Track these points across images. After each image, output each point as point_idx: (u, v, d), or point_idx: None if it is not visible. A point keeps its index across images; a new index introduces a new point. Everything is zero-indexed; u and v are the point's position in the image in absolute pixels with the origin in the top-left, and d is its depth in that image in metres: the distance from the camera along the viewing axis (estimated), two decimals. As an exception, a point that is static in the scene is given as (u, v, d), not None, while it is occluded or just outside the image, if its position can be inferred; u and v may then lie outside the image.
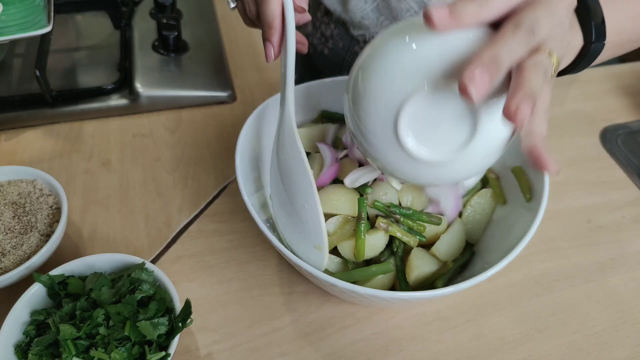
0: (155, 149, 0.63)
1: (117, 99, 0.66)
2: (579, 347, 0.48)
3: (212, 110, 0.69)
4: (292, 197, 0.45)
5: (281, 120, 0.47)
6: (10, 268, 0.45)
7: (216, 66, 0.72)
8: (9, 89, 0.65)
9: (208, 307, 0.49)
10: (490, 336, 0.48)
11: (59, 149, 0.62)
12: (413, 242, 0.47)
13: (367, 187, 0.48)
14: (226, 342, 0.46)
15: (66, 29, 0.75)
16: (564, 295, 0.52)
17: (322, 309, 0.49)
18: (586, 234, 0.58)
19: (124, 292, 0.41)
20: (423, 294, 0.40)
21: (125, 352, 0.39)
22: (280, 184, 0.46)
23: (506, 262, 0.42)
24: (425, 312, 0.50)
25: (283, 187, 0.46)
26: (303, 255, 0.45)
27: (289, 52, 0.44)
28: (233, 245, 0.54)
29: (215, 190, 0.59)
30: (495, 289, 0.52)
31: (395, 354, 0.47)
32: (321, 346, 0.47)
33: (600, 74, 0.79)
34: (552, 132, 0.69)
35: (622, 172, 0.64)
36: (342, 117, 0.57)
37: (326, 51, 0.85)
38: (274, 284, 0.51)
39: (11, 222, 0.48)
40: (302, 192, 0.43)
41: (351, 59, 0.81)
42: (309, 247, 0.44)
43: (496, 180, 0.54)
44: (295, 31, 0.44)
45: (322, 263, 0.43)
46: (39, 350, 0.39)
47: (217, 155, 0.63)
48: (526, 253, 0.55)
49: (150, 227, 0.55)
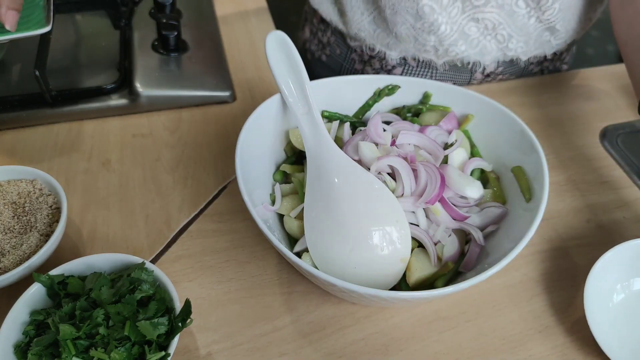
0: (155, 149, 0.63)
1: (116, 98, 0.66)
2: (579, 347, 0.48)
3: (212, 110, 0.69)
4: (363, 221, 0.46)
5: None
6: (9, 268, 0.45)
7: (216, 66, 0.72)
8: (9, 88, 0.65)
9: (208, 307, 0.49)
10: (490, 336, 0.48)
11: (59, 149, 0.62)
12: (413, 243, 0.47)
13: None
14: (226, 342, 0.46)
15: (66, 29, 0.75)
16: (563, 295, 0.52)
17: (322, 309, 0.49)
18: (586, 234, 0.58)
19: (124, 292, 0.41)
20: (423, 294, 0.40)
21: (125, 352, 0.39)
22: (339, 210, 0.46)
23: (506, 262, 0.42)
24: (425, 312, 0.50)
25: (346, 212, 0.46)
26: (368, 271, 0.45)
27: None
28: (233, 245, 0.54)
29: (215, 190, 0.59)
30: (495, 289, 0.52)
31: (395, 354, 0.47)
32: (321, 346, 0.47)
33: (600, 74, 0.79)
34: (553, 132, 0.69)
35: (622, 172, 0.64)
36: (342, 116, 0.57)
37: (324, 58, 0.85)
38: (274, 284, 0.51)
39: (11, 222, 0.48)
40: (384, 214, 0.46)
41: (348, 66, 0.81)
42: (390, 262, 0.45)
43: (496, 180, 0.54)
44: None
45: (399, 274, 0.46)
46: (38, 350, 0.39)
47: (217, 155, 0.63)
48: (526, 253, 0.55)
49: (150, 227, 0.55)
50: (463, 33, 0.67)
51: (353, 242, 0.45)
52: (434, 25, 0.66)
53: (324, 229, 0.46)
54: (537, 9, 0.65)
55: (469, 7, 0.65)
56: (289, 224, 0.50)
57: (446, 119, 0.57)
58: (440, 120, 0.57)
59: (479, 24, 0.66)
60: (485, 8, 0.65)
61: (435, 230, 0.48)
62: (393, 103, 0.59)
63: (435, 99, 0.59)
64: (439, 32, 0.67)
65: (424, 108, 0.58)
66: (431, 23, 0.66)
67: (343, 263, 0.45)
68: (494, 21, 0.66)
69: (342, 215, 0.46)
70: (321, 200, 0.47)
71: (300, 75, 0.52)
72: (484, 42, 0.69)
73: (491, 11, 0.65)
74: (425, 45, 0.69)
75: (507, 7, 0.65)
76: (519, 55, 0.73)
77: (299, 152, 0.56)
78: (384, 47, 0.73)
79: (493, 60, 0.73)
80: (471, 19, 0.66)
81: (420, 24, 0.66)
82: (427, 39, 0.68)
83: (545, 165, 0.49)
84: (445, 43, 0.68)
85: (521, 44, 0.70)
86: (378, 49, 0.74)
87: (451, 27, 0.66)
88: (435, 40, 0.68)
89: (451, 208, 0.48)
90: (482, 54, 0.71)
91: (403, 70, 0.76)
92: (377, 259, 0.45)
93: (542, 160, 0.50)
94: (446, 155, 0.52)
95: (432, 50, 0.70)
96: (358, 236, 0.45)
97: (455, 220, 0.49)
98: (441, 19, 0.65)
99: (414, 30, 0.67)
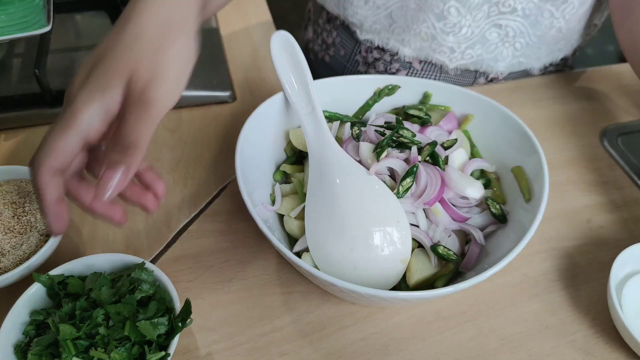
0: (155, 149, 0.63)
1: (116, 98, 0.65)
2: (579, 347, 0.48)
3: (212, 110, 0.69)
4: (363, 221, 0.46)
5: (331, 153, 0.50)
6: (9, 268, 0.45)
7: (216, 66, 0.72)
8: (8, 88, 0.65)
9: (208, 307, 0.49)
10: (490, 336, 0.48)
11: (59, 149, 0.62)
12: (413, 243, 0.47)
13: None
14: (226, 342, 0.46)
15: (65, 29, 0.75)
16: (563, 295, 0.52)
17: (322, 309, 0.49)
18: (586, 234, 0.58)
19: (124, 292, 0.41)
20: (423, 294, 0.40)
21: (125, 352, 0.39)
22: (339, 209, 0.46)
23: (506, 262, 0.42)
24: (425, 312, 0.50)
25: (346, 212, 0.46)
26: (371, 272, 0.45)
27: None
28: (233, 245, 0.54)
29: (215, 190, 0.59)
30: (495, 289, 0.52)
31: (396, 354, 0.47)
32: (321, 346, 0.47)
33: (600, 74, 0.79)
34: (553, 132, 0.69)
35: (622, 172, 0.64)
36: (342, 116, 0.57)
37: (327, 58, 0.84)
38: (274, 283, 0.51)
39: (11, 222, 0.48)
40: (385, 214, 0.46)
41: (352, 67, 0.81)
42: (391, 263, 0.45)
43: (496, 180, 0.54)
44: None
45: (400, 275, 0.46)
46: (38, 350, 0.39)
47: (217, 155, 0.63)
48: (526, 253, 0.55)
49: (150, 227, 0.55)
50: (483, 37, 0.67)
51: (353, 242, 0.45)
52: (456, 26, 0.66)
53: (324, 229, 0.46)
54: (560, 18, 0.66)
55: (495, 12, 0.65)
56: (289, 224, 0.50)
57: (446, 119, 0.57)
58: (440, 120, 0.57)
59: (501, 30, 0.66)
60: (511, 16, 0.65)
61: (435, 231, 0.48)
62: (393, 103, 0.59)
63: (435, 99, 0.59)
64: (460, 34, 0.66)
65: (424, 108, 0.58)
66: (454, 24, 0.65)
67: (343, 263, 0.45)
68: (516, 30, 0.66)
69: (343, 216, 0.46)
70: (322, 200, 0.47)
71: (304, 75, 0.53)
72: (501, 48, 0.69)
73: (515, 20, 0.65)
74: (442, 45, 0.69)
75: (533, 18, 0.65)
76: (532, 64, 0.73)
77: (299, 152, 0.56)
78: (399, 42, 0.72)
79: (506, 67, 0.72)
80: (494, 25, 0.66)
81: (442, 24, 0.66)
82: (445, 40, 0.68)
83: (545, 166, 0.49)
84: (463, 45, 0.68)
85: (534, 51, 0.71)
86: (391, 45, 0.73)
87: (472, 31, 0.66)
88: (454, 41, 0.68)
89: (451, 209, 0.48)
90: (496, 59, 0.70)
91: (407, 74, 0.76)
92: (378, 260, 0.45)
93: (542, 161, 0.50)
94: (447, 155, 0.52)
95: (447, 52, 0.70)
96: (359, 236, 0.45)
97: (455, 221, 0.49)
98: (464, 21, 0.65)
99: (435, 30, 0.67)
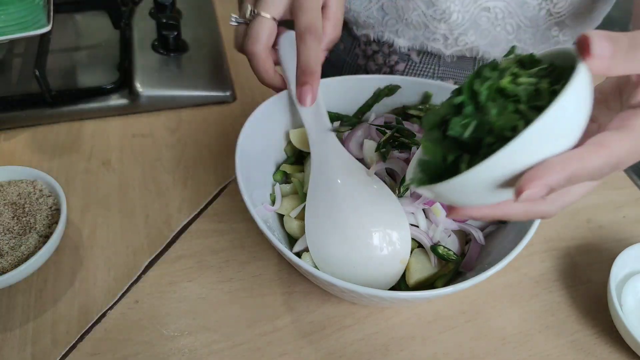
0: (155, 149, 0.63)
1: (116, 98, 0.65)
2: (579, 347, 0.48)
3: (212, 110, 0.69)
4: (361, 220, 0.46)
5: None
6: (8, 269, 0.45)
7: (216, 66, 0.72)
8: (8, 88, 0.65)
9: (208, 307, 0.49)
10: (490, 336, 0.48)
11: (59, 149, 0.62)
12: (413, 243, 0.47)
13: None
14: (226, 342, 0.46)
15: (66, 29, 0.75)
16: (564, 295, 0.52)
17: (322, 309, 0.49)
18: (586, 234, 0.58)
19: None
20: (423, 294, 0.40)
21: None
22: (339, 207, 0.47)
23: (506, 262, 0.41)
24: (426, 312, 0.50)
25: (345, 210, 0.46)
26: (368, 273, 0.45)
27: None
28: (233, 245, 0.54)
29: (215, 190, 0.59)
30: (495, 289, 0.52)
31: (396, 354, 0.47)
32: (321, 346, 0.47)
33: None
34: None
35: (622, 172, 0.64)
36: (342, 116, 0.57)
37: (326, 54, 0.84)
38: (274, 284, 0.51)
39: (10, 223, 0.48)
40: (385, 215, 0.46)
41: (352, 61, 0.81)
42: (390, 263, 0.45)
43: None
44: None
45: (398, 275, 0.46)
46: None
47: (217, 155, 0.63)
48: (526, 253, 0.55)
49: (150, 227, 0.55)
50: (474, 22, 0.67)
51: (353, 242, 0.45)
52: (446, 12, 0.66)
53: (324, 229, 0.46)
54: (548, 1, 0.65)
55: None
56: (289, 224, 0.50)
57: (446, 119, 0.57)
58: (440, 120, 0.57)
59: (490, 13, 0.66)
60: None
61: (435, 231, 0.48)
62: (393, 103, 0.59)
63: (436, 99, 0.59)
64: (450, 20, 0.67)
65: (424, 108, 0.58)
66: (443, 10, 0.66)
67: (343, 263, 0.45)
68: (504, 10, 0.66)
69: (343, 216, 0.46)
70: (323, 200, 0.47)
71: None
72: (494, 33, 0.69)
73: (503, 0, 0.65)
74: (435, 33, 0.69)
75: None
76: (527, 49, 0.73)
77: (299, 152, 0.56)
78: (393, 34, 0.73)
79: (502, 53, 0.72)
80: (483, 9, 0.66)
81: (432, 11, 0.66)
82: (437, 27, 0.68)
83: (545, 165, 0.49)
84: (455, 32, 0.68)
85: (529, 35, 0.70)
86: (386, 37, 0.74)
87: (463, 16, 0.66)
88: (446, 28, 0.68)
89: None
90: (491, 45, 0.71)
91: (406, 66, 0.76)
92: (377, 259, 0.45)
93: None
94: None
95: (441, 39, 0.70)
96: (359, 236, 0.45)
97: (455, 221, 0.49)
98: (453, 6, 0.65)
99: (425, 17, 0.67)
